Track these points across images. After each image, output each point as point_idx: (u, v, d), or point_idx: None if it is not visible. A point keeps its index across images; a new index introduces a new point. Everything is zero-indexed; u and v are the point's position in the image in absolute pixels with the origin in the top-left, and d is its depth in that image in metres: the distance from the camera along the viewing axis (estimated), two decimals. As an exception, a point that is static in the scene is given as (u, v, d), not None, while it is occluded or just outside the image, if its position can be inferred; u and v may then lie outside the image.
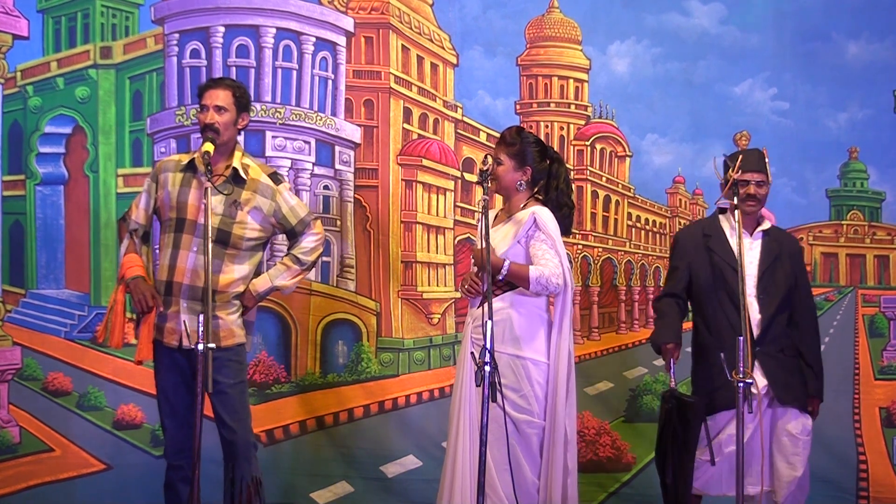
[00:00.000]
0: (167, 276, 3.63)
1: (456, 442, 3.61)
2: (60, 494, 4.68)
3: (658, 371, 4.99)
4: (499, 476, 3.53)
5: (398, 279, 4.98)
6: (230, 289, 3.66)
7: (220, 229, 3.60)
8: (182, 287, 3.61)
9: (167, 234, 3.68)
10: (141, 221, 3.77)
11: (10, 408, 4.77)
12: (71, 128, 4.97)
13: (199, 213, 3.59)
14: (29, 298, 4.88)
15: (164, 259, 3.66)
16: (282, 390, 4.88)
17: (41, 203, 4.92)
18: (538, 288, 3.57)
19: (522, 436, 3.60)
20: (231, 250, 3.66)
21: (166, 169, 3.74)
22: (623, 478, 4.88)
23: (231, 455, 3.66)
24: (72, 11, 4.97)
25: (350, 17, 5.02)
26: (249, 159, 3.78)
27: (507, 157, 3.72)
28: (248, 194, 3.66)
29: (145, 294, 3.62)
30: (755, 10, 4.99)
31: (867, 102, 4.94)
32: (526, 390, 3.61)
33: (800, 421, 3.74)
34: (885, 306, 5.05)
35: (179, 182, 3.68)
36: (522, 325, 3.63)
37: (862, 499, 4.74)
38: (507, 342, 3.59)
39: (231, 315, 3.66)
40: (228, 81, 3.75)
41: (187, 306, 3.61)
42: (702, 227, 3.96)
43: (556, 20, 5.13)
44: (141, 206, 3.77)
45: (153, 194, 3.75)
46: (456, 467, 3.59)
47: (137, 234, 3.77)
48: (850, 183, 5.06)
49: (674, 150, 5.07)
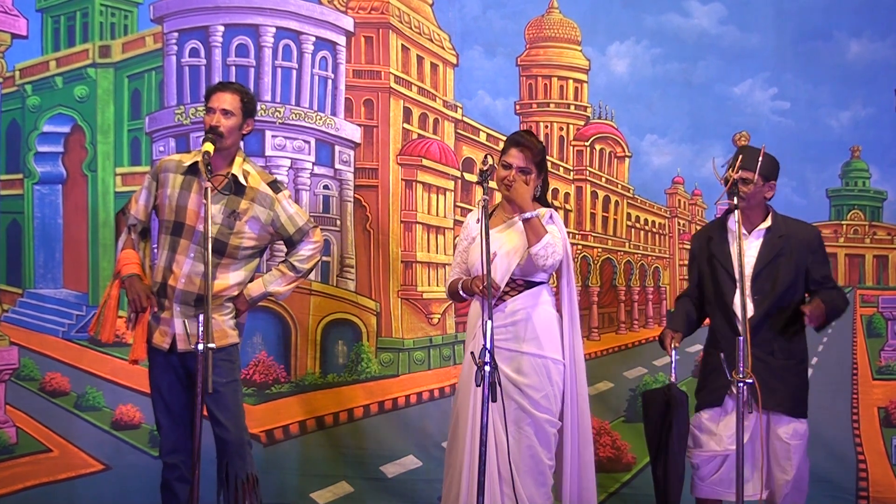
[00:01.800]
0: (162, 277, 3.65)
1: (472, 443, 3.53)
2: (58, 495, 4.67)
3: (658, 371, 5.00)
4: (521, 478, 3.51)
5: (398, 279, 4.97)
6: (224, 293, 3.68)
7: (217, 239, 3.59)
8: (176, 291, 3.62)
9: (164, 236, 3.69)
10: (140, 217, 3.77)
11: (6, 408, 4.75)
12: (69, 127, 4.95)
13: (199, 220, 3.60)
14: (26, 298, 4.87)
15: (160, 260, 3.67)
16: (282, 390, 4.87)
17: (39, 202, 4.91)
18: (543, 251, 3.53)
19: (545, 435, 3.59)
20: (227, 259, 3.67)
21: (167, 168, 3.73)
22: (623, 478, 4.88)
23: (224, 453, 3.67)
24: (70, 10, 4.96)
25: (350, 17, 5.01)
26: (250, 165, 3.77)
27: (535, 167, 3.67)
28: (246, 203, 3.66)
29: (140, 294, 3.62)
30: (755, 9, 4.98)
31: (869, 101, 4.94)
32: (548, 390, 3.61)
33: (790, 426, 3.72)
34: (884, 306, 5.05)
35: (180, 185, 3.67)
36: (542, 324, 3.62)
37: (862, 499, 4.74)
38: (528, 342, 3.59)
39: (224, 316, 3.68)
40: (237, 86, 3.76)
41: (180, 310, 3.63)
42: (709, 229, 4.02)
43: (556, 20, 5.13)
44: (141, 201, 3.77)
45: (153, 192, 3.75)
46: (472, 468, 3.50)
47: (136, 230, 3.77)
48: (851, 182, 5.06)
49: (673, 150, 5.07)
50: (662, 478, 3.68)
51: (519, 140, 3.70)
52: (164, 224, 3.70)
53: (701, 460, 3.77)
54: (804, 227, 3.91)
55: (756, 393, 3.50)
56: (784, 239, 3.78)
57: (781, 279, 3.74)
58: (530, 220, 3.53)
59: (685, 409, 3.70)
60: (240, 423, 3.73)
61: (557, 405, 3.63)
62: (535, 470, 3.58)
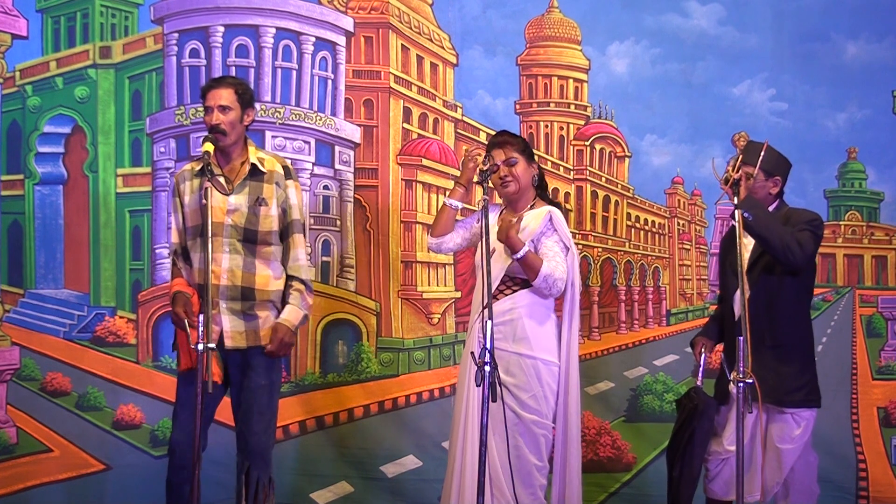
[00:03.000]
0: (200, 278, 3.61)
1: (463, 443, 3.57)
2: (59, 495, 4.67)
3: (658, 371, 5.01)
4: (505, 478, 3.51)
5: (398, 279, 4.98)
6: (268, 286, 3.65)
7: (246, 229, 3.59)
8: (220, 288, 3.59)
9: (193, 240, 3.66)
10: (181, 242, 3.74)
11: (7, 408, 4.76)
12: (70, 127, 4.96)
13: (224, 213, 3.60)
14: (28, 298, 4.87)
15: (195, 263, 3.65)
16: (282, 390, 4.85)
17: (40, 203, 4.92)
18: (543, 284, 3.53)
19: (532, 436, 3.57)
20: (262, 247, 3.63)
21: (183, 179, 3.73)
22: (623, 478, 4.88)
23: (248, 455, 3.62)
24: (71, 11, 4.97)
25: (350, 17, 5.02)
26: (263, 152, 3.78)
27: (520, 155, 3.68)
28: (269, 188, 3.65)
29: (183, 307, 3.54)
30: (754, 10, 4.99)
31: (866, 103, 4.95)
32: (536, 391, 3.58)
33: (778, 426, 3.63)
34: (883, 306, 5.06)
35: (196, 188, 3.66)
36: (533, 325, 3.60)
37: (862, 499, 4.74)
38: (517, 342, 3.58)
39: (270, 314, 3.65)
40: (230, 79, 3.74)
41: (227, 307, 3.60)
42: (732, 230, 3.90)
43: (556, 20, 5.14)
44: (175, 226, 3.75)
45: (180, 210, 3.73)
46: (465, 468, 3.55)
47: (179, 256, 3.73)
48: (848, 183, 5.08)
49: (672, 150, 5.08)
50: (678, 478, 3.65)
51: (496, 141, 3.75)
52: (191, 231, 3.68)
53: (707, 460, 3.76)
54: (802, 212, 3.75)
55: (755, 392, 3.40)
56: None
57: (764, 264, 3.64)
58: (524, 258, 3.51)
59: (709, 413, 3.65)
60: (271, 428, 3.70)
61: (549, 407, 3.60)
62: (523, 470, 3.55)
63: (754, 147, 3.72)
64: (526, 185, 3.71)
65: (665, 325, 5.15)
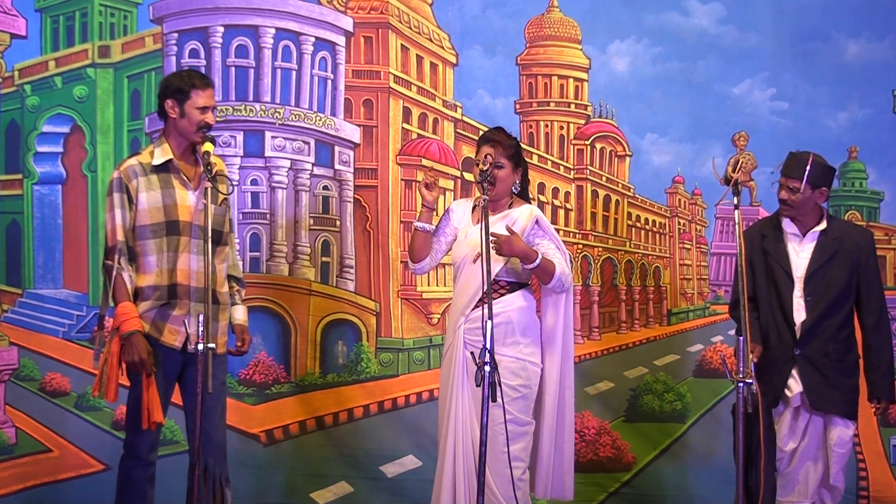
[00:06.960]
0: (168, 279, 3.56)
1: (454, 443, 3.58)
2: (58, 495, 4.68)
3: (658, 371, 5.01)
4: (493, 476, 3.52)
5: (398, 279, 4.97)
6: (223, 288, 3.68)
7: (214, 230, 3.50)
8: (189, 289, 3.57)
9: (156, 239, 3.54)
10: (127, 240, 3.57)
11: (6, 408, 4.76)
12: (69, 127, 4.95)
13: (192, 213, 3.56)
14: (26, 298, 4.87)
15: (159, 263, 3.55)
16: (281, 390, 4.87)
17: (39, 202, 4.91)
18: (557, 284, 3.61)
19: (519, 436, 3.59)
20: (220, 248, 3.64)
21: (134, 174, 3.55)
22: (623, 478, 4.88)
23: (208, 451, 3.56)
24: (70, 10, 4.96)
25: (349, 17, 5.01)
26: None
27: (507, 160, 3.68)
28: (224, 187, 3.53)
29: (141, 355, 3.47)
30: (754, 9, 4.98)
31: (866, 102, 4.95)
32: (525, 392, 3.63)
33: (838, 429, 3.74)
34: (883, 306, 5.06)
35: (157, 185, 3.55)
36: (522, 327, 3.64)
37: (862, 499, 4.75)
38: (508, 344, 3.59)
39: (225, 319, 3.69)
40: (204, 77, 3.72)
41: (195, 309, 3.54)
42: (760, 226, 3.96)
43: (556, 19, 5.13)
44: (120, 223, 3.55)
45: (128, 207, 3.56)
46: (458, 468, 3.57)
47: (123, 255, 3.56)
48: (848, 183, 5.07)
49: (673, 149, 5.07)
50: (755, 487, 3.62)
51: (488, 137, 3.73)
52: (150, 228, 3.54)
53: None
54: (858, 229, 3.93)
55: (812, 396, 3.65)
56: (838, 241, 3.77)
57: (835, 281, 3.73)
58: (539, 265, 3.56)
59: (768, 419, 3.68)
60: (224, 425, 3.75)
61: (529, 408, 3.65)
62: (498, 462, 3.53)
63: (799, 159, 3.72)
64: (506, 190, 3.71)
65: (665, 324, 5.14)
